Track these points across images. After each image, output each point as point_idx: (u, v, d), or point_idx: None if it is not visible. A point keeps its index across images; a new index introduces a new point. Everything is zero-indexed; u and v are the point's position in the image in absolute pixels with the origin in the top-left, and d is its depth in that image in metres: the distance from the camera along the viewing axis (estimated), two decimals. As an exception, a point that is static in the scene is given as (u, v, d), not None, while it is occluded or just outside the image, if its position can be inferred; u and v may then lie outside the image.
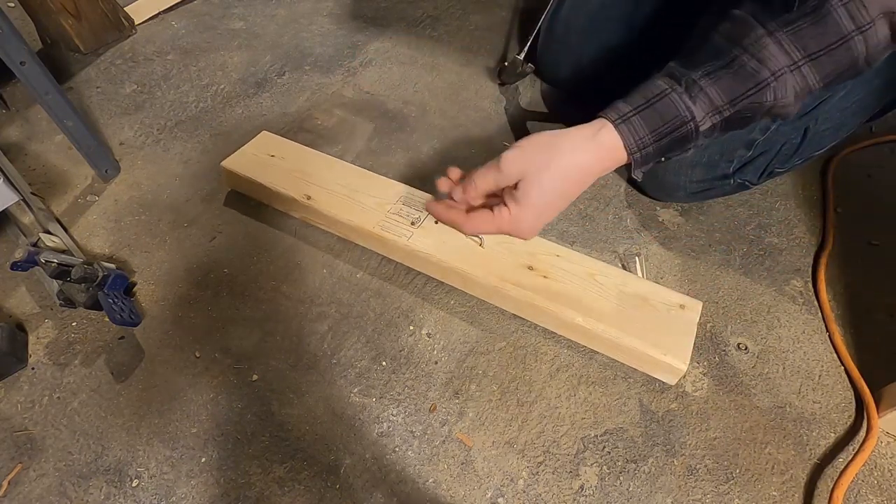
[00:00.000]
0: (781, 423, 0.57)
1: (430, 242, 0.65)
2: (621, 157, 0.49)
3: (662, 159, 0.50)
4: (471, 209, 0.54)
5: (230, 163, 0.74)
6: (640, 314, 0.59)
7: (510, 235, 0.53)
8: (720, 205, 0.77)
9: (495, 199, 0.53)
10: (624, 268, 0.68)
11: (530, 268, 0.63)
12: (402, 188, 0.71)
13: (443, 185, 0.54)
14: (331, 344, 0.62)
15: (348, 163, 0.76)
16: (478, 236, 0.65)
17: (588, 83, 0.91)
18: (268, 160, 0.74)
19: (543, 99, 0.95)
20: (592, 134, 0.48)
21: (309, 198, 0.69)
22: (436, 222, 0.66)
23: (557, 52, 0.88)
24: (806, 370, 0.61)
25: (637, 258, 0.69)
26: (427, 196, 0.70)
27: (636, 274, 0.67)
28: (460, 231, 0.54)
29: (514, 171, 0.49)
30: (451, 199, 0.54)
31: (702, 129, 0.46)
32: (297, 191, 0.70)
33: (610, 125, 0.48)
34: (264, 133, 0.79)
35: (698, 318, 0.59)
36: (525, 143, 0.50)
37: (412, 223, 0.67)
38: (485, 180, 0.51)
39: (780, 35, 0.44)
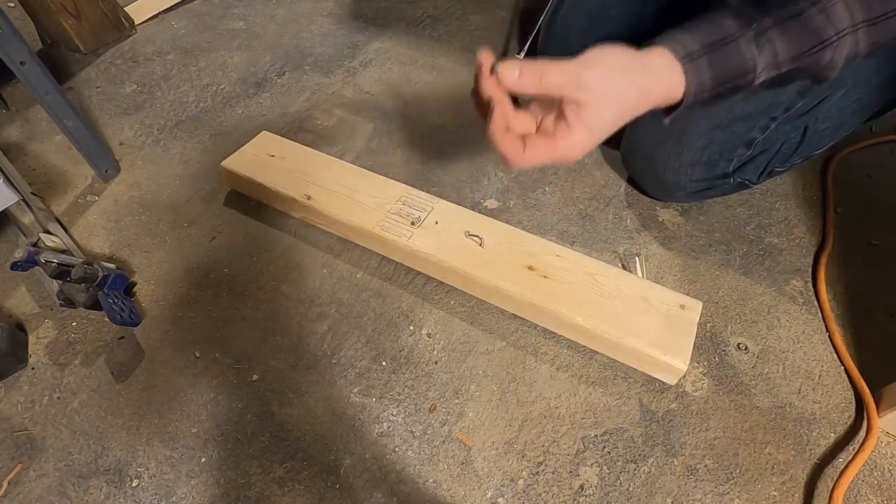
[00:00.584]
0: (781, 423, 0.57)
1: (430, 242, 0.65)
2: (673, 96, 0.45)
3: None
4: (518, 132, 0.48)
5: (230, 163, 0.74)
6: (640, 314, 0.59)
7: (557, 162, 0.47)
8: (720, 205, 0.77)
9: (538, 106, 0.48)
10: (624, 268, 0.68)
11: (530, 268, 0.63)
12: (402, 188, 0.71)
13: (507, 74, 0.46)
14: (331, 344, 0.62)
15: (348, 163, 0.75)
16: (478, 236, 0.65)
17: None
18: (268, 160, 0.74)
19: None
20: (649, 64, 0.44)
21: (309, 198, 0.69)
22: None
23: (557, 52, 0.88)
24: (806, 370, 0.61)
25: (637, 258, 0.69)
26: (427, 196, 0.70)
27: (636, 274, 0.67)
28: (510, 162, 0.48)
29: (591, 85, 0.43)
30: (497, 80, 0.47)
31: (758, 80, 0.44)
32: (296, 191, 0.70)
33: (678, 64, 0.43)
34: (264, 133, 0.79)
35: (698, 318, 0.59)
36: (602, 61, 0.44)
37: (412, 223, 0.67)
38: (553, 80, 0.44)
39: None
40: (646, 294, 0.61)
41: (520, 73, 0.46)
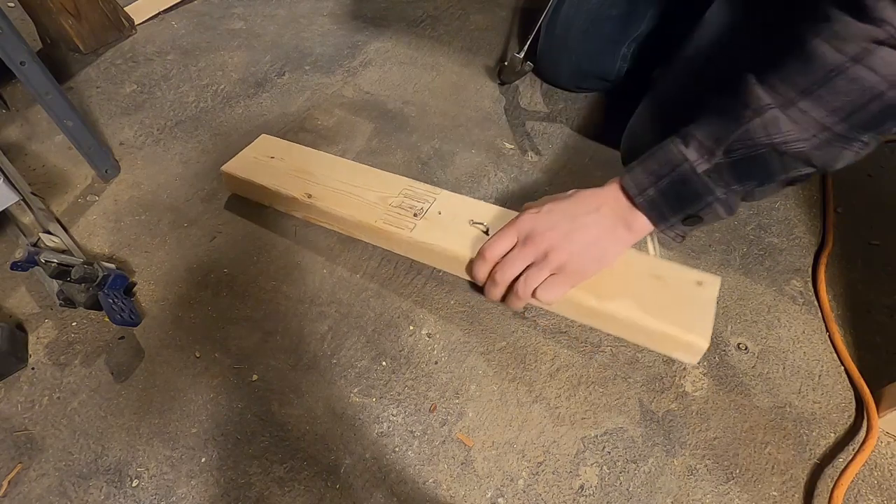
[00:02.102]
0: (781, 423, 0.57)
1: (433, 233, 0.64)
2: (628, 205, 0.54)
3: (691, 218, 0.52)
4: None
5: (230, 167, 0.73)
6: (656, 293, 0.57)
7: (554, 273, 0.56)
8: (720, 205, 0.77)
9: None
10: (635, 246, 0.67)
11: None
12: (404, 181, 0.71)
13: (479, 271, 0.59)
14: (331, 344, 0.62)
15: (348, 160, 0.75)
16: (482, 224, 0.64)
17: (588, 83, 0.91)
18: (267, 162, 0.74)
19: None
20: (605, 191, 0.56)
21: (309, 196, 0.69)
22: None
23: (557, 52, 0.88)
24: (806, 370, 0.61)
25: (649, 237, 0.66)
26: (429, 187, 0.69)
27: (649, 252, 0.65)
28: (541, 303, 0.58)
29: (529, 224, 0.56)
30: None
31: (699, 170, 0.49)
32: (297, 190, 0.70)
33: (615, 183, 0.55)
34: (263, 136, 0.78)
35: (717, 294, 0.57)
36: (543, 205, 0.57)
37: (415, 214, 0.66)
38: (500, 240, 0.57)
39: (773, 80, 0.45)
40: (660, 272, 0.59)
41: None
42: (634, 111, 0.77)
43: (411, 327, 0.63)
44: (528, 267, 0.56)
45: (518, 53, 0.89)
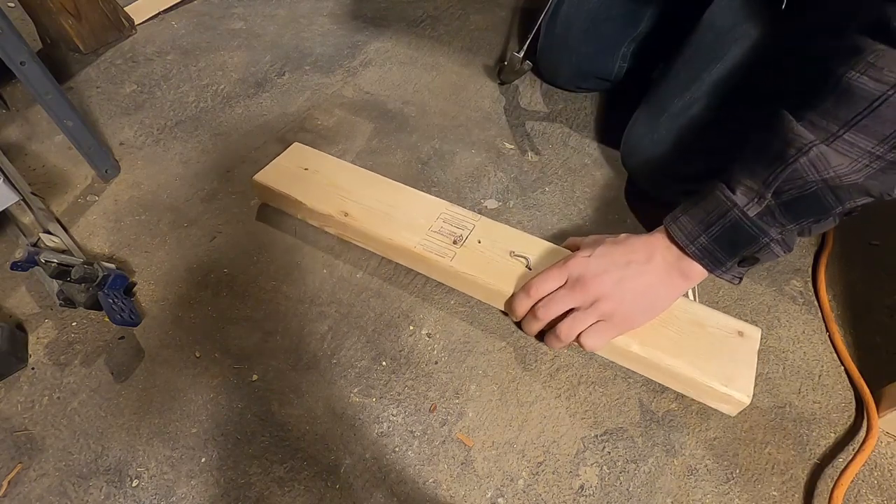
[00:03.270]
0: (781, 423, 0.57)
1: (473, 263, 0.62)
2: (679, 254, 0.54)
3: (748, 259, 0.52)
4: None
5: (263, 177, 0.71)
6: (696, 342, 0.56)
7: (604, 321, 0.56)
8: (720, 205, 0.77)
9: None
10: None
11: None
12: (443, 204, 0.69)
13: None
14: (331, 344, 0.62)
15: (384, 176, 0.72)
16: (524, 257, 0.63)
17: (588, 83, 0.91)
18: (301, 173, 0.72)
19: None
20: (650, 239, 0.56)
21: (346, 214, 0.67)
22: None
23: (557, 52, 0.88)
24: (806, 370, 0.61)
25: None
26: (468, 213, 0.68)
27: (688, 297, 0.64)
28: (580, 344, 0.57)
29: (579, 269, 0.56)
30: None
31: (750, 214, 0.48)
32: (333, 207, 0.68)
33: (662, 227, 0.54)
34: (296, 145, 0.76)
35: (758, 346, 0.56)
36: (593, 255, 0.57)
37: (454, 241, 0.64)
38: (548, 279, 0.57)
39: (809, 115, 0.45)
40: (701, 319, 0.58)
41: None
42: (634, 111, 0.77)
43: (411, 327, 0.63)
44: (572, 309, 0.56)
45: (518, 53, 0.89)
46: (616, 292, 0.54)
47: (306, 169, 0.73)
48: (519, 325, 0.62)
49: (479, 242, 0.65)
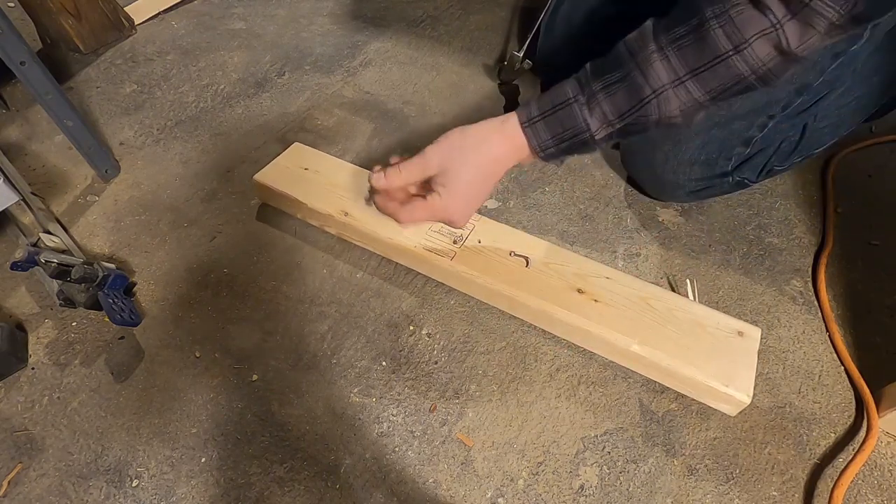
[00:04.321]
0: (781, 423, 0.57)
1: (473, 263, 0.63)
2: (527, 151, 0.56)
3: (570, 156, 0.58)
4: (403, 201, 0.60)
5: (263, 176, 0.71)
6: (696, 341, 0.57)
7: (445, 223, 0.60)
8: (720, 204, 0.77)
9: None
10: (673, 289, 0.66)
11: (580, 290, 0.60)
12: None
13: (375, 180, 0.59)
14: (331, 344, 0.62)
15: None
16: (524, 257, 0.63)
17: None
18: (302, 173, 0.72)
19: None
20: (502, 130, 0.56)
21: (346, 214, 0.67)
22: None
23: (557, 51, 0.88)
24: (806, 370, 0.61)
25: (688, 281, 0.67)
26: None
27: (688, 297, 0.64)
28: (396, 220, 0.59)
29: (436, 162, 0.56)
30: (377, 189, 0.60)
31: (597, 137, 0.52)
32: (334, 207, 0.68)
33: (517, 123, 0.55)
34: (297, 145, 0.76)
35: (758, 346, 0.57)
36: (444, 137, 0.57)
37: (454, 241, 0.65)
38: (409, 170, 0.57)
39: (668, 51, 0.48)
40: (701, 319, 0.58)
41: (385, 176, 0.58)
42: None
43: (411, 327, 0.63)
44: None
45: (517, 52, 0.89)
46: (463, 204, 0.58)
47: (306, 169, 0.73)
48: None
49: (480, 242, 0.65)
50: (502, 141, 0.55)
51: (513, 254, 0.64)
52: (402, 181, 0.58)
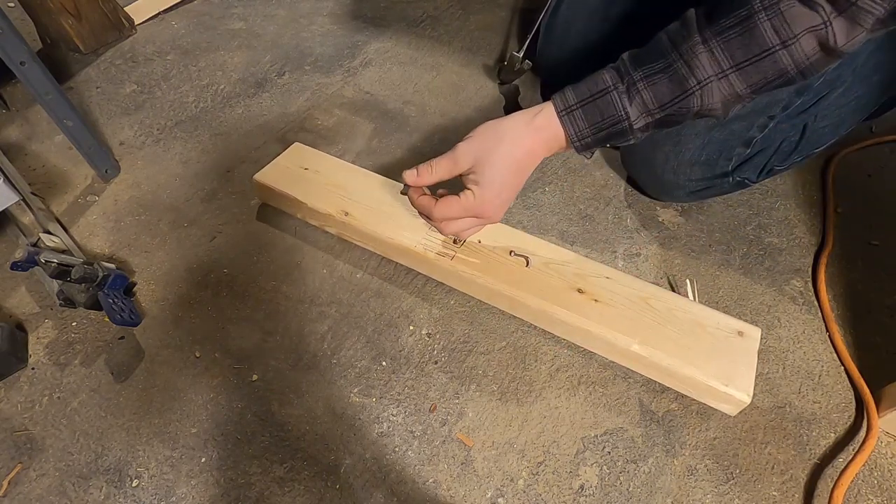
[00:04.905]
0: (781, 423, 0.57)
1: (474, 263, 0.63)
2: (563, 142, 0.55)
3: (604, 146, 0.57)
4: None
5: (263, 176, 0.71)
6: (696, 341, 0.57)
7: (478, 219, 0.58)
8: (720, 204, 0.77)
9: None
10: (673, 289, 0.66)
11: (580, 290, 0.60)
12: None
13: (408, 177, 0.59)
14: (331, 344, 0.62)
15: (384, 176, 0.72)
16: (524, 257, 0.63)
17: None
18: (302, 173, 0.72)
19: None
20: (535, 122, 0.55)
21: (346, 214, 0.67)
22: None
23: (557, 51, 0.88)
24: (806, 370, 0.61)
25: (688, 281, 0.67)
26: None
27: (688, 297, 0.64)
28: (430, 218, 0.59)
29: (468, 158, 0.56)
30: (410, 186, 0.60)
31: (636, 126, 0.52)
32: (334, 207, 0.68)
33: (554, 114, 0.54)
34: (297, 145, 0.76)
35: (758, 346, 0.57)
36: (475, 132, 0.56)
37: (454, 241, 0.65)
38: (440, 167, 0.57)
39: (713, 43, 0.47)
40: (701, 319, 0.58)
41: (417, 173, 0.58)
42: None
43: (411, 327, 0.63)
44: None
45: (517, 52, 0.89)
46: (500, 204, 0.57)
47: (306, 169, 0.73)
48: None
49: (480, 242, 0.65)
50: (535, 132, 0.55)
51: (513, 253, 0.64)
52: (434, 178, 0.58)
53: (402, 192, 0.63)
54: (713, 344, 0.57)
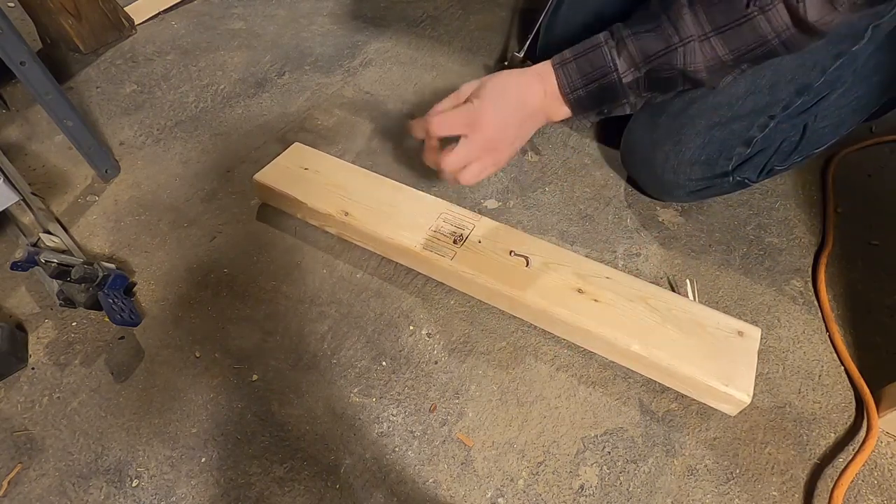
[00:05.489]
0: (781, 423, 0.57)
1: (474, 262, 0.63)
2: (559, 96, 0.60)
3: (604, 112, 0.62)
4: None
5: (263, 176, 0.71)
6: (696, 341, 0.57)
7: (484, 149, 0.61)
8: (720, 204, 0.77)
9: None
10: (673, 289, 0.66)
11: (580, 290, 0.60)
12: (443, 204, 0.69)
13: (414, 127, 0.64)
14: (331, 344, 0.62)
15: (383, 176, 0.73)
16: (524, 256, 0.63)
17: None
18: (302, 173, 0.72)
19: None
20: (535, 73, 0.61)
21: (346, 214, 0.67)
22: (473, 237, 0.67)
23: (557, 52, 0.88)
24: (806, 370, 0.61)
25: (688, 281, 0.67)
26: (469, 213, 0.68)
27: (688, 297, 0.64)
28: (431, 134, 0.62)
29: (470, 87, 0.62)
30: (418, 136, 0.64)
31: (624, 80, 0.56)
32: (334, 207, 0.68)
33: (551, 66, 0.60)
34: (297, 145, 0.77)
35: (758, 346, 0.57)
36: (483, 77, 0.62)
37: (454, 241, 0.65)
38: (445, 101, 0.63)
39: (697, 7, 0.52)
40: (701, 319, 0.58)
41: (424, 117, 0.63)
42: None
43: (411, 327, 0.63)
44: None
45: (518, 53, 0.89)
46: (505, 137, 0.61)
47: (306, 169, 0.73)
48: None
49: (480, 242, 0.65)
50: (534, 83, 0.60)
51: (513, 253, 0.64)
52: (437, 111, 0.62)
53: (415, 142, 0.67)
54: (713, 344, 0.57)
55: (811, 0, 0.46)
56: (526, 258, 0.63)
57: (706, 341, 0.57)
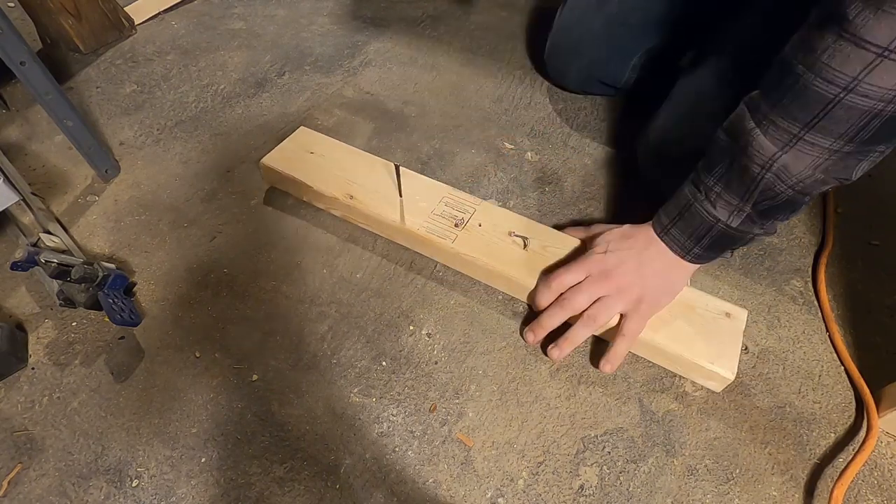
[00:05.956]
0: (781, 423, 0.57)
1: (474, 245, 0.65)
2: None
3: (738, 248, 0.61)
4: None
5: (270, 160, 0.73)
6: (686, 322, 0.59)
7: (612, 286, 0.57)
8: (720, 205, 0.77)
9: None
10: None
11: None
12: (445, 188, 0.71)
13: (530, 336, 0.61)
14: (331, 344, 0.62)
15: (388, 160, 0.74)
16: (523, 237, 0.65)
17: (595, 88, 0.90)
18: (308, 157, 0.74)
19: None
20: (656, 244, 0.58)
21: (352, 197, 0.69)
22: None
23: (569, 54, 0.87)
24: (806, 370, 0.61)
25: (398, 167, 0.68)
26: (470, 197, 0.70)
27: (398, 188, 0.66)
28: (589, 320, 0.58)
29: (595, 231, 0.62)
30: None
31: (734, 225, 0.52)
32: (339, 190, 0.70)
33: (659, 240, 0.57)
34: (302, 129, 0.78)
35: (744, 326, 0.59)
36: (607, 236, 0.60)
37: (455, 224, 0.67)
38: (570, 276, 0.59)
39: (770, 120, 0.46)
40: (692, 301, 0.61)
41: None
42: (633, 112, 0.76)
43: (411, 327, 0.63)
44: (599, 299, 0.58)
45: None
46: (639, 278, 0.57)
47: (312, 153, 0.75)
48: (525, 338, 0.62)
49: (480, 225, 0.67)
50: (659, 254, 0.58)
51: (512, 234, 0.66)
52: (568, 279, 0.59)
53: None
54: (702, 324, 0.59)
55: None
56: (524, 239, 0.65)
57: (696, 322, 0.59)
